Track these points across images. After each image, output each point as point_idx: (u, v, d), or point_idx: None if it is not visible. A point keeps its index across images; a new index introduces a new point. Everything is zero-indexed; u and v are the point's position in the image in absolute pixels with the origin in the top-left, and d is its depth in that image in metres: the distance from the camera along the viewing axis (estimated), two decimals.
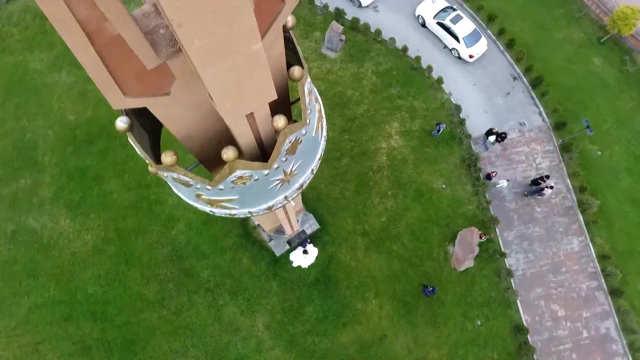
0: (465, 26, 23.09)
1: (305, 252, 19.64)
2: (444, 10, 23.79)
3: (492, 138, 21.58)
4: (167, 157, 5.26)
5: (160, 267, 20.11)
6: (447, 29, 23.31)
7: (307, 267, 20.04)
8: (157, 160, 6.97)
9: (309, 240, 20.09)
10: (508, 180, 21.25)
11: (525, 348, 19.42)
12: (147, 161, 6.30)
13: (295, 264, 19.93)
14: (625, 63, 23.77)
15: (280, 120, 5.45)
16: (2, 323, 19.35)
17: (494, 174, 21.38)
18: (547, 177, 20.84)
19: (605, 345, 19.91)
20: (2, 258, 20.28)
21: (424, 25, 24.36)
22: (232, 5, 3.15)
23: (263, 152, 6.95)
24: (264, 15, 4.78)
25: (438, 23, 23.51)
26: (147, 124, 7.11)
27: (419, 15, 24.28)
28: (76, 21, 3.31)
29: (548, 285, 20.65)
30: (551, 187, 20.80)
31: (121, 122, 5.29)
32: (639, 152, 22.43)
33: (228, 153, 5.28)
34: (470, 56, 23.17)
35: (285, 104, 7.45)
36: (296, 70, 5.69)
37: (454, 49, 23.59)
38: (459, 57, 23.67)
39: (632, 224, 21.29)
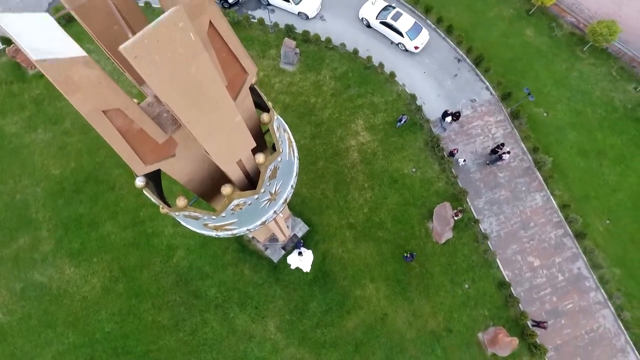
0: (406, 21, 25.11)
1: (300, 254, 21.32)
2: (384, 9, 25.77)
3: (448, 119, 23.65)
4: (181, 201, 6.89)
5: (168, 294, 21.45)
6: (390, 27, 25.28)
7: (305, 270, 21.66)
8: (162, 199, 8.56)
9: (302, 242, 21.78)
10: (465, 160, 23.34)
11: (511, 300, 21.60)
12: (160, 205, 7.88)
13: (293, 266, 21.59)
14: (554, 30, 26.22)
15: (260, 157, 7.13)
16: None
17: (456, 150, 23.49)
18: (503, 144, 23.07)
19: (579, 283, 22.28)
20: (17, 316, 21.26)
21: (368, 26, 26.28)
22: (218, 103, 4.82)
23: (250, 180, 8.63)
24: (235, 85, 6.43)
25: (381, 22, 25.45)
26: (150, 173, 8.68)
27: (362, 18, 26.18)
28: (115, 128, 4.92)
29: (521, 240, 22.88)
30: (508, 152, 23.02)
31: (140, 182, 6.88)
32: (578, 107, 24.90)
33: (226, 189, 6.94)
34: (416, 47, 25.20)
35: (259, 136, 9.13)
36: (265, 117, 7.37)
37: (400, 43, 25.58)
38: (406, 50, 25.69)
39: (583, 172, 23.72)
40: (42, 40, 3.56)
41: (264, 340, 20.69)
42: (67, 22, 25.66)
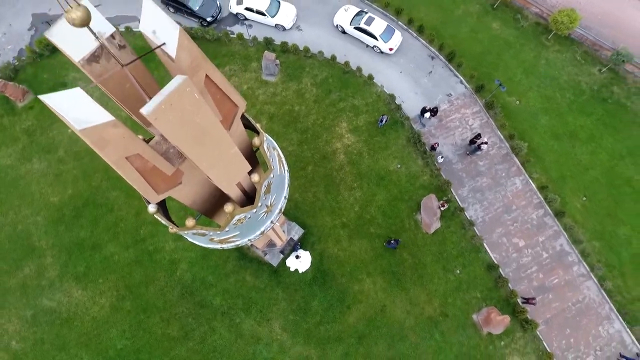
0: (379, 24, 26.25)
1: (297, 257, 22.36)
2: (357, 15, 26.88)
3: (427, 114, 24.84)
4: (190, 222, 7.89)
5: (175, 306, 22.33)
6: (364, 31, 26.40)
7: (303, 271, 22.68)
8: (169, 220, 9.54)
9: (299, 245, 22.82)
10: (442, 157, 24.54)
11: (500, 281, 22.87)
12: (169, 226, 8.85)
13: (292, 269, 22.62)
14: (519, 21, 27.57)
15: (255, 177, 8.15)
16: None
17: (437, 144, 24.69)
18: (479, 135, 24.34)
19: (563, 259, 23.65)
20: (30, 342, 21.96)
21: (344, 32, 27.38)
22: (218, 140, 5.84)
23: (247, 195, 9.64)
24: (228, 117, 7.45)
25: (355, 28, 26.56)
26: None
27: (337, 25, 27.26)
28: (134, 169, 5.91)
29: (505, 224, 24.19)
30: (485, 143, 24.29)
31: (152, 208, 7.86)
32: (548, 93, 26.28)
33: (228, 207, 7.95)
34: (390, 49, 26.36)
35: (252, 155, 10.14)
36: (256, 140, 8.39)
37: (375, 46, 26.72)
38: (381, 52, 26.84)
39: (558, 154, 25.10)
40: (80, 111, 4.53)
41: (271, 341, 21.69)
42: (51, 52, 26.31)
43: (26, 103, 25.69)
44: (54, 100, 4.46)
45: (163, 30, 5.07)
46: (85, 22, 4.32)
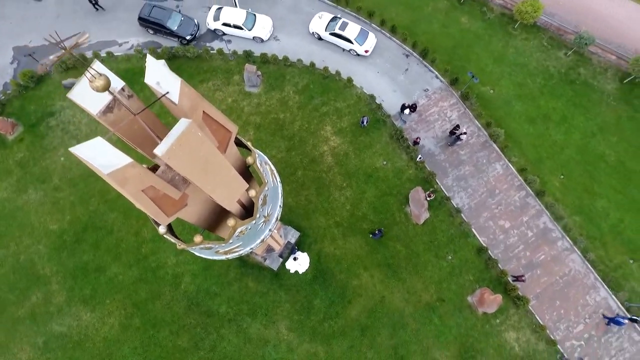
0: (353, 29, 27.27)
1: (295, 259, 23.31)
2: (332, 20, 27.86)
3: (406, 111, 25.93)
4: (198, 238, 8.78)
5: (183, 318, 23.10)
6: (339, 36, 27.38)
7: (303, 272, 23.64)
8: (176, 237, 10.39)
9: (296, 248, 23.74)
10: (420, 157, 25.59)
11: (490, 262, 24.08)
12: (177, 243, 9.72)
13: (292, 271, 23.54)
14: (485, 13, 28.82)
15: (252, 192, 9.07)
16: None
17: (419, 138, 25.80)
18: (458, 126, 25.51)
19: (547, 236, 24.94)
20: None
21: (320, 38, 28.33)
22: (219, 167, 6.76)
23: (245, 208, 10.55)
24: (223, 142, 8.34)
25: (331, 33, 27.53)
26: None
27: (313, 32, 28.20)
28: (148, 198, 6.80)
29: (490, 208, 25.40)
30: (464, 133, 25.45)
31: (162, 229, 8.73)
32: (519, 79, 27.57)
33: (231, 221, 8.86)
34: (366, 51, 27.40)
35: (246, 171, 11.05)
36: (249, 159, 9.31)
37: (351, 49, 27.73)
38: (358, 55, 27.87)
39: (533, 137, 26.40)
40: (103, 157, 5.41)
41: (279, 342, 22.59)
42: (35, 84, 26.82)
43: (16, 136, 26.16)
44: (81, 151, 5.33)
45: (166, 81, 5.97)
46: (106, 88, 5.21)
